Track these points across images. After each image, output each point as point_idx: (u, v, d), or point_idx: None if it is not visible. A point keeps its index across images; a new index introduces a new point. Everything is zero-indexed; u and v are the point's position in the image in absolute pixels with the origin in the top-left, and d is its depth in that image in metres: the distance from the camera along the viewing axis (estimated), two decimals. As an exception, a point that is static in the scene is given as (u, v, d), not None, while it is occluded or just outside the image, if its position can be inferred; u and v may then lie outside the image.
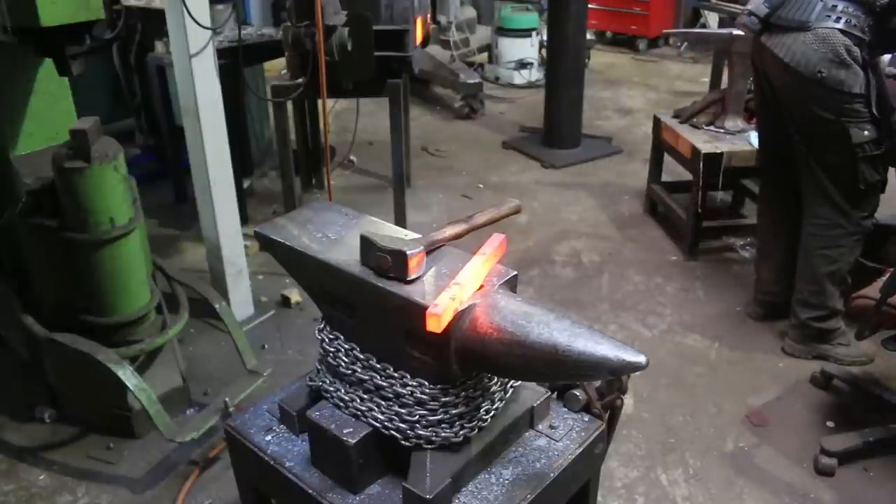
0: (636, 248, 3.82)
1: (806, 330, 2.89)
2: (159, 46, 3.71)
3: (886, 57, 3.43)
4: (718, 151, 3.40)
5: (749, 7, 2.73)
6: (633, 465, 2.40)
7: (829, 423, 2.58)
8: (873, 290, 2.23)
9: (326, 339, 1.44)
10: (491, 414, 1.40)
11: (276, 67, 4.30)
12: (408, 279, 1.28)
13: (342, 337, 1.42)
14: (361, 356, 1.38)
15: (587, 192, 4.48)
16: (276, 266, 1.54)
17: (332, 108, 3.59)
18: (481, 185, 4.61)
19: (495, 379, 1.40)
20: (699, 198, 3.49)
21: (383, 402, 1.36)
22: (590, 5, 5.46)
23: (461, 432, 1.34)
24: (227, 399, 2.37)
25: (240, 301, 3.14)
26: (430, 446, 1.33)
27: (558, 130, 5.07)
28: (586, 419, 1.55)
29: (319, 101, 3.44)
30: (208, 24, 2.71)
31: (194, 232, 3.64)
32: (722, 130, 3.58)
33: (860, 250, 2.83)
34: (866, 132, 2.58)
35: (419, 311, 1.21)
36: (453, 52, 6.27)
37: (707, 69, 5.85)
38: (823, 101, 2.57)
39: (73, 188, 2.14)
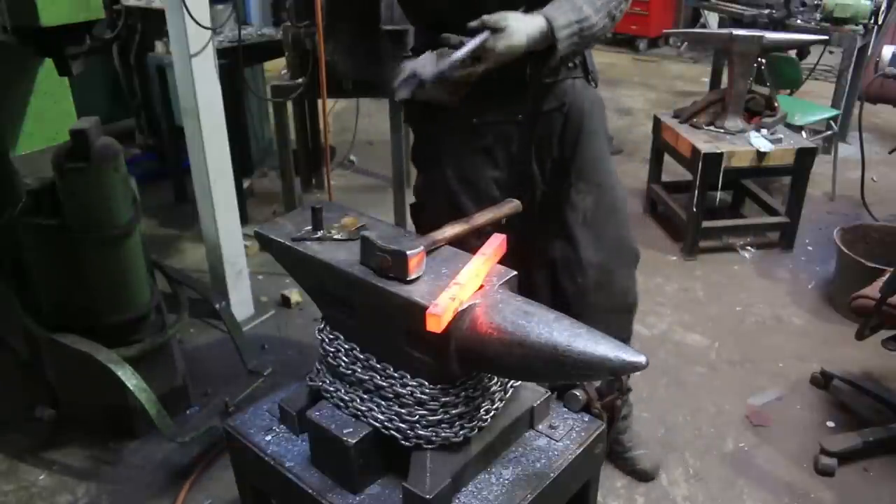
0: (636, 248, 3.82)
1: None
2: (159, 46, 3.71)
3: (886, 56, 3.42)
4: (718, 151, 3.40)
5: None
6: (633, 465, 2.40)
7: (829, 423, 2.58)
8: (873, 290, 2.23)
9: (326, 339, 1.44)
10: (491, 414, 1.40)
11: (276, 67, 4.29)
12: (408, 279, 1.28)
13: (342, 337, 1.42)
14: (361, 356, 1.38)
15: (587, 192, 4.47)
16: (276, 266, 1.54)
17: (332, 108, 3.58)
18: (481, 185, 4.60)
19: (495, 379, 1.40)
20: (699, 197, 3.50)
21: (383, 402, 1.36)
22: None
23: (461, 432, 1.34)
24: (227, 399, 2.37)
25: (240, 301, 3.14)
26: (430, 446, 1.33)
27: (558, 130, 5.05)
28: (586, 419, 1.55)
29: (319, 101, 3.44)
30: (208, 24, 2.71)
31: (194, 232, 3.64)
32: (722, 130, 3.59)
33: None
34: None
35: (419, 311, 1.21)
36: (453, 52, 6.26)
37: (707, 69, 5.85)
38: None
39: (73, 188, 2.14)
